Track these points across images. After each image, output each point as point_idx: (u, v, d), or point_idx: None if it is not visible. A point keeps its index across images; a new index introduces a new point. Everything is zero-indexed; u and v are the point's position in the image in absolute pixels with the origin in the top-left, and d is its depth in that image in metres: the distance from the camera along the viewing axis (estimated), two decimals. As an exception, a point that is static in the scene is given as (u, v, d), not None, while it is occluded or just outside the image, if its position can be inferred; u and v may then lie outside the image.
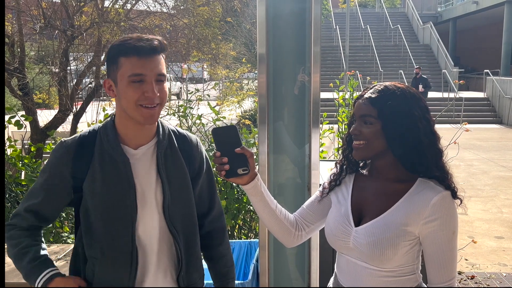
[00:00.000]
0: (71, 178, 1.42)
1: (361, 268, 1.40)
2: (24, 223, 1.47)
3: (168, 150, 1.48)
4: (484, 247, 4.77)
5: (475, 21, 24.37)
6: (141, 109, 1.36)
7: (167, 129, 1.52)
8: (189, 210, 1.52)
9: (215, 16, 6.52)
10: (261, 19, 2.18)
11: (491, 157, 9.42)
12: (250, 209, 3.85)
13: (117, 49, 1.37)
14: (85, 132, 1.48)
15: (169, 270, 1.50)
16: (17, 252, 1.44)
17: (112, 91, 1.40)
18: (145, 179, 1.44)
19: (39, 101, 6.16)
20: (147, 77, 1.35)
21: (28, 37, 5.76)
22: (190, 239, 1.52)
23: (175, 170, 1.48)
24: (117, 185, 1.41)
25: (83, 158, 1.42)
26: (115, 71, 1.37)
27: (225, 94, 8.55)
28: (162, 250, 1.47)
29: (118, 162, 1.41)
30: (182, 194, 1.49)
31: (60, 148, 1.44)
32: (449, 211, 1.32)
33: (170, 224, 1.46)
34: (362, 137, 1.37)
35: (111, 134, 1.43)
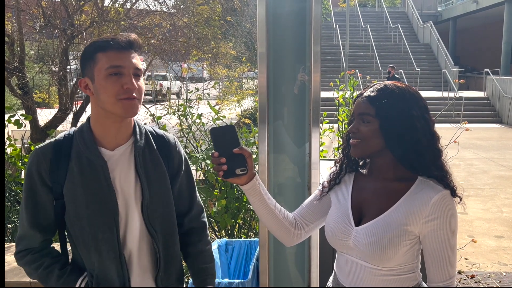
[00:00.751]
0: (51, 183, 1.40)
1: (361, 267, 1.40)
2: (34, 242, 1.45)
3: (146, 150, 1.48)
4: (484, 246, 4.77)
5: (475, 21, 24.37)
6: (121, 102, 1.35)
7: (144, 129, 1.51)
8: (168, 210, 1.51)
9: (215, 15, 6.52)
10: (261, 18, 2.18)
11: (491, 157, 9.42)
12: (250, 208, 3.85)
13: (94, 46, 1.37)
14: (60, 137, 1.46)
15: (148, 270, 1.49)
16: (42, 273, 1.43)
17: (89, 89, 1.39)
18: (124, 180, 1.43)
19: (39, 100, 6.15)
20: (125, 70, 1.35)
21: (28, 36, 5.76)
22: (169, 239, 1.52)
23: (153, 170, 1.47)
24: (97, 188, 1.40)
25: (60, 163, 1.40)
26: (92, 67, 1.36)
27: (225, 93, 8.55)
28: (141, 251, 1.47)
29: (96, 164, 1.40)
30: (161, 194, 1.48)
31: (36, 155, 1.42)
32: (449, 210, 1.32)
33: (149, 224, 1.46)
34: (359, 135, 1.38)
35: (87, 137, 1.42)
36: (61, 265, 1.44)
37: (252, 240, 2.97)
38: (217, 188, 3.84)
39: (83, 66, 1.40)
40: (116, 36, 1.38)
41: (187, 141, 4.35)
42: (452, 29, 25.11)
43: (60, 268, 1.43)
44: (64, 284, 1.41)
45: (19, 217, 1.47)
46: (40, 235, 1.45)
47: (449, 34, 25.03)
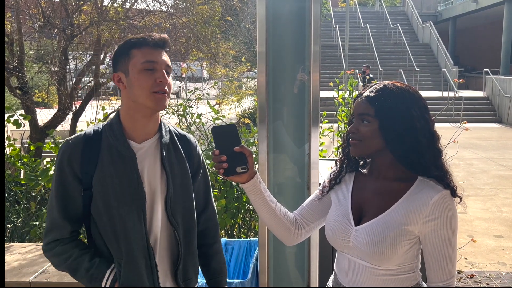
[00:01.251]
0: (81, 174, 1.45)
1: (360, 267, 1.40)
2: (65, 233, 1.49)
3: (171, 146, 1.55)
4: (483, 246, 4.77)
5: (475, 20, 24.37)
6: (154, 95, 1.42)
7: (168, 127, 1.58)
8: (189, 205, 1.57)
9: (215, 15, 6.51)
10: (261, 18, 2.18)
11: (491, 156, 9.42)
12: (249, 208, 3.85)
13: (130, 42, 1.45)
14: (90, 130, 1.52)
15: (168, 262, 1.54)
16: (71, 264, 1.47)
17: (122, 83, 1.46)
18: (150, 172, 1.49)
19: (38, 100, 6.15)
20: (158, 65, 1.43)
21: (28, 36, 5.75)
22: (189, 233, 1.57)
23: (177, 164, 1.54)
24: (127, 179, 1.45)
25: (90, 155, 1.46)
26: (127, 62, 1.44)
27: (224, 93, 8.54)
28: (162, 243, 1.52)
29: (126, 156, 1.46)
30: (183, 188, 1.54)
31: (67, 147, 1.47)
32: (449, 210, 1.32)
33: (171, 217, 1.51)
34: (359, 136, 1.38)
35: (117, 130, 1.48)
36: (90, 257, 1.47)
37: (252, 240, 2.97)
38: (216, 188, 3.84)
39: (117, 61, 1.47)
40: (151, 34, 1.46)
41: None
42: (452, 28, 25.11)
43: (89, 259, 1.47)
44: (93, 275, 1.45)
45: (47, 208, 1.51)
46: (70, 226, 1.48)
47: (448, 34, 25.03)
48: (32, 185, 3.66)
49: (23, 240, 3.86)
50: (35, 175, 3.70)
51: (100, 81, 6.02)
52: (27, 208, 4.03)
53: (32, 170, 3.82)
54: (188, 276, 1.58)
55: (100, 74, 6.04)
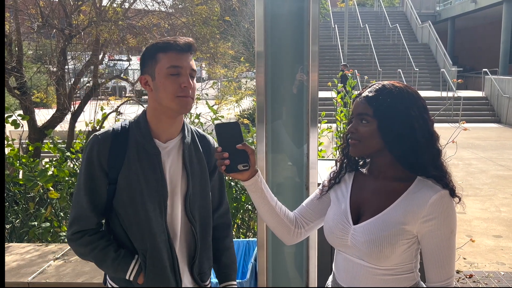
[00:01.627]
0: (108, 168, 1.51)
1: (358, 266, 1.40)
2: (91, 224, 1.55)
3: (192, 146, 1.62)
4: (482, 246, 4.77)
5: (474, 20, 24.40)
6: (179, 99, 1.48)
7: (190, 128, 1.66)
8: (206, 202, 1.65)
9: (213, 15, 6.51)
10: (259, 18, 2.18)
11: (490, 156, 9.43)
12: (248, 208, 3.85)
13: (156, 46, 1.50)
14: (118, 126, 1.58)
15: (185, 256, 1.61)
16: (98, 254, 1.53)
17: (149, 86, 1.52)
18: (173, 170, 1.57)
19: (37, 100, 6.14)
20: (183, 70, 1.48)
21: (26, 36, 5.74)
22: (205, 229, 1.64)
23: (197, 164, 1.62)
24: (152, 175, 1.52)
25: (118, 150, 1.52)
26: (153, 66, 1.49)
27: (223, 93, 8.54)
28: (181, 237, 1.59)
29: (151, 154, 1.53)
30: (202, 186, 1.62)
31: (96, 141, 1.53)
32: (448, 210, 1.32)
33: (190, 214, 1.58)
34: (358, 136, 1.38)
35: (144, 128, 1.55)
36: (116, 248, 1.54)
37: (250, 240, 2.97)
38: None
39: (144, 64, 1.53)
40: (176, 39, 1.50)
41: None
42: (451, 28, 25.14)
43: (115, 250, 1.53)
44: (119, 265, 1.52)
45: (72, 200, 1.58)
46: (96, 217, 1.55)
47: (447, 34, 25.06)
48: (30, 186, 3.66)
49: (22, 240, 3.86)
50: (33, 175, 3.69)
51: (99, 81, 6.01)
52: (25, 208, 4.02)
53: (30, 170, 3.82)
54: (203, 269, 1.64)
55: (99, 74, 6.03)
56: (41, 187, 3.77)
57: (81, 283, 2.77)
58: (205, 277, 1.66)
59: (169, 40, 1.50)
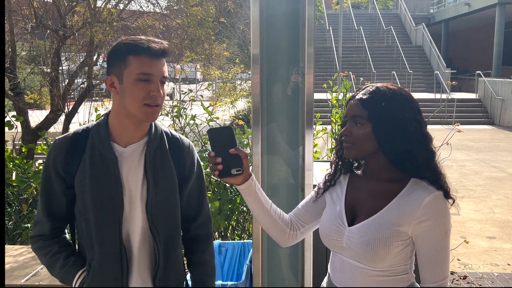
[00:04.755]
0: (64, 173, 1.46)
1: (354, 267, 1.40)
2: (46, 229, 1.51)
3: (158, 150, 1.50)
4: (476, 247, 4.80)
5: (467, 23, 24.55)
6: (146, 108, 1.39)
7: (160, 130, 1.54)
8: (173, 212, 1.53)
9: (209, 16, 6.51)
10: (255, 19, 2.18)
11: (483, 158, 9.48)
12: (243, 210, 3.84)
13: (127, 47, 1.39)
14: (79, 129, 1.52)
15: (147, 269, 1.51)
16: (48, 260, 1.49)
17: (115, 88, 1.42)
18: (132, 177, 1.47)
19: (30, 101, 6.11)
20: (154, 77, 1.39)
21: (20, 37, 5.71)
22: (171, 241, 1.52)
23: (162, 170, 1.49)
24: (105, 182, 1.44)
25: (75, 154, 1.46)
26: (122, 68, 1.39)
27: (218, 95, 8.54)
28: (142, 249, 1.49)
29: (107, 159, 1.44)
30: (167, 195, 1.50)
31: (54, 146, 1.49)
32: (442, 211, 1.32)
33: (152, 224, 1.47)
34: (352, 138, 1.38)
35: (102, 132, 1.46)
36: (66, 255, 1.48)
37: (246, 242, 2.97)
38: (210, 190, 3.83)
39: (112, 63, 1.42)
40: (150, 42, 1.39)
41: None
42: (445, 31, 25.27)
43: (65, 258, 1.47)
44: (65, 273, 1.46)
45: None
46: (51, 222, 1.50)
47: (441, 36, 25.19)
48: (24, 187, 3.63)
49: (15, 242, 3.83)
50: (27, 177, 3.67)
51: (93, 82, 5.98)
52: (18, 210, 4.00)
53: (24, 172, 3.79)
54: (170, 284, 1.53)
55: (93, 75, 6.01)
56: (34, 188, 3.75)
57: (75, 285, 2.75)
58: None
59: (142, 42, 1.38)
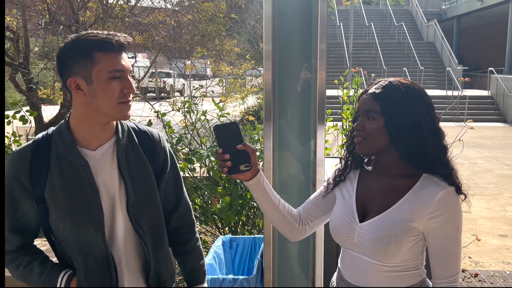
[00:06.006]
0: (31, 187, 1.35)
1: (365, 263, 1.40)
2: (13, 245, 1.41)
3: (129, 148, 1.44)
4: (487, 245, 4.77)
5: (480, 19, 24.26)
6: (121, 106, 1.33)
7: (126, 126, 1.47)
8: (155, 208, 1.48)
9: (220, 12, 6.51)
10: (267, 15, 2.18)
11: (495, 156, 9.39)
12: (253, 206, 3.85)
13: (91, 43, 1.28)
14: (39, 138, 1.41)
15: (138, 271, 1.47)
16: (22, 272, 1.40)
17: (81, 91, 1.30)
18: (107, 180, 1.39)
19: (43, 96, 6.17)
20: (125, 73, 1.33)
21: (33, 33, 5.77)
22: (158, 238, 1.49)
23: (137, 168, 1.44)
24: (79, 190, 1.35)
25: (39, 165, 1.36)
26: (89, 68, 1.28)
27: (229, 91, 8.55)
28: (129, 251, 1.44)
29: (77, 166, 1.35)
30: (146, 192, 1.45)
31: (13, 159, 1.36)
32: (454, 207, 1.32)
33: (136, 224, 1.42)
34: (364, 133, 1.38)
35: (66, 137, 1.36)
36: (40, 262, 1.40)
37: (256, 237, 2.98)
38: (221, 185, 3.84)
39: (74, 63, 1.30)
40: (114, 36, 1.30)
41: (192, 138, 4.35)
42: (457, 27, 25.00)
43: (41, 264, 1.40)
44: (46, 280, 1.38)
45: None
46: (19, 239, 1.41)
47: (453, 33, 24.93)
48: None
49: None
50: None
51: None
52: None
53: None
54: (163, 279, 1.52)
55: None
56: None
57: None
58: (166, 285, 1.53)
59: (106, 37, 1.28)
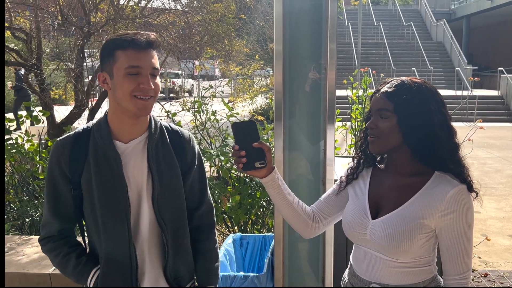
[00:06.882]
0: (70, 174, 1.46)
1: (377, 259, 1.43)
2: (53, 230, 1.52)
3: (160, 144, 1.53)
4: (497, 245, 4.75)
5: (489, 19, 24.06)
6: (136, 100, 1.40)
7: (159, 124, 1.56)
8: (179, 203, 1.56)
9: (229, 12, 6.55)
10: (278, 16, 2.20)
11: (505, 156, 9.33)
12: (263, 205, 3.88)
13: (114, 43, 1.41)
14: (79, 130, 1.52)
15: (158, 261, 1.54)
16: (60, 261, 1.51)
17: (107, 84, 1.44)
18: (136, 172, 1.49)
19: (55, 97, 6.25)
20: (143, 70, 1.40)
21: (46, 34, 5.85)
22: (179, 232, 1.56)
23: (165, 163, 1.52)
24: (110, 180, 1.45)
25: (78, 155, 1.47)
26: (111, 64, 1.40)
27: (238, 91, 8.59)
28: (151, 241, 1.52)
29: (110, 157, 1.46)
30: (172, 186, 1.53)
31: (56, 148, 1.49)
32: (465, 205, 1.34)
33: (159, 216, 1.50)
34: (377, 132, 1.40)
35: (103, 130, 1.47)
36: (77, 255, 1.51)
37: (266, 235, 3.01)
38: (230, 184, 3.88)
39: (102, 61, 1.45)
40: (136, 35, 1.40)
41: (202, 138, 4.39)
42: (466, 27, 24.83)
43: (77, 257, 1.50)
44: (79, 273, 1.49)
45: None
46: (58, 224, 1.52)
47: (462, 32, 24.76)
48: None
49: (41, 233, 3.94)
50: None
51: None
52: (45, 202, 4.11)
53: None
54: (180, 274, 1.57)
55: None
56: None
57: (100, 275, 2.83)
58: (182, 282, 1.59)
59: (127, 36, 1.40)
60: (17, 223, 4.13)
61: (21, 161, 4.34)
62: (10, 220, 4.13)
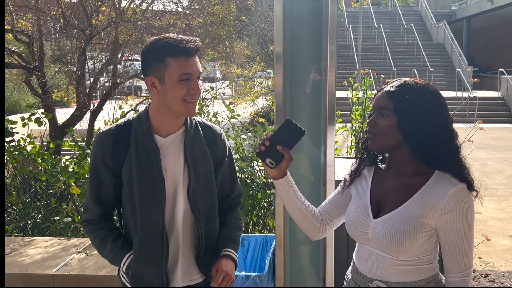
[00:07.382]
0: (112, 163, 1.58)
1: (379, 257, 1.45)
2: (94, 215, 1.65)
3: (195, 139, 1.64)
4: (498, 245, 4.76)
5: (490, 20, 24.07)
6: (186, 104, 1.52)
7: (194, 120, 1.68)
8: (211, 194, 1.67)
9: (230, 15, 6.57)
10: (279, 18, 2.22)
11: (506, 157, 9.33)
12: (264, 206, 3.90)
13: (164, 48, 1.48)
14: (121, 122, 1.64)
15: (191, 248, 1.66)
16: (98, 243, 1.64)
17: (155, 88, 1.52)
18: (174, 165, 1.60)
19: (57, 99, 6.28)
20: (193, 76, 1.51)
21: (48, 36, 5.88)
22: (210, 221, 1.68)
23: (200, 157, 1.64)
24: (149, 171, 1.56)
25: (120, 145, 1.58)
26: (162, 70, 1.49)
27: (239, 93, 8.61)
28: (185, 230, 1.64)
29: (150, 150, 1.57)
30: (205, 179, 1.65)
31: (100, 138, 1.61)
32: (465, 203, 1.35)
33: (193, 206, 1.62)
34: (377, 129, 1.42)
35: (144, 124, 1.59)
36: (114, 239, 1.63)
37: (268, 235, 3.02)
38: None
39: (150, 64, 1.51)
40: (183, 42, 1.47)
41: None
42: (466, 28, 24.84)
43: (113, 241, 1.62)
44: (114, 256, 1.61)
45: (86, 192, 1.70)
46: (99, 209, 1.64)
47: (463, 34, 24.77)
48: (53, 181, 3.76)
49: (44, 235, 3.96)
50: (56, 171, 3.79)
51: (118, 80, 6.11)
52: (47, 204, 4.13)
53: (53, 167, 3.92)
54: (210, 261, 1.68)
55: (117, 73, 6.14)
56: (63, 183, 3.87)
57: (103, 275, 2.85)
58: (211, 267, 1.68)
59: (177, 42, 1.46)
60: (19, 224, 4.14)
61: (24, 163, 4.36)
62: (12, 222, 4.15)
